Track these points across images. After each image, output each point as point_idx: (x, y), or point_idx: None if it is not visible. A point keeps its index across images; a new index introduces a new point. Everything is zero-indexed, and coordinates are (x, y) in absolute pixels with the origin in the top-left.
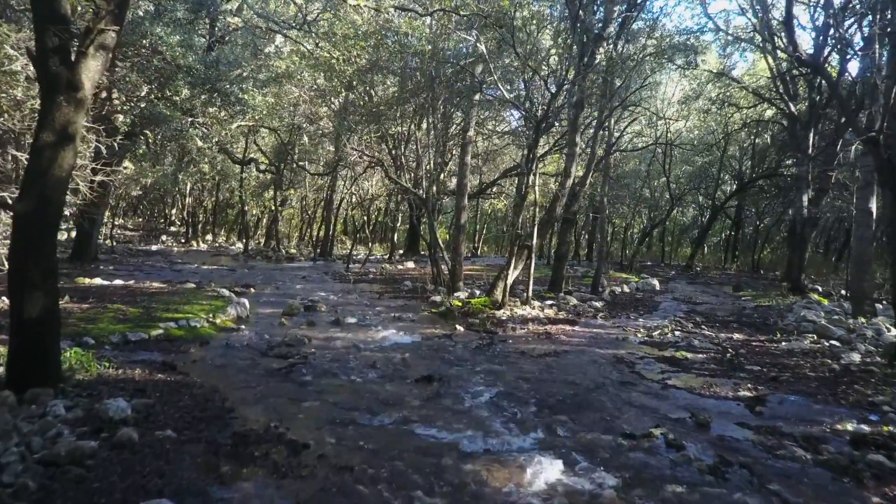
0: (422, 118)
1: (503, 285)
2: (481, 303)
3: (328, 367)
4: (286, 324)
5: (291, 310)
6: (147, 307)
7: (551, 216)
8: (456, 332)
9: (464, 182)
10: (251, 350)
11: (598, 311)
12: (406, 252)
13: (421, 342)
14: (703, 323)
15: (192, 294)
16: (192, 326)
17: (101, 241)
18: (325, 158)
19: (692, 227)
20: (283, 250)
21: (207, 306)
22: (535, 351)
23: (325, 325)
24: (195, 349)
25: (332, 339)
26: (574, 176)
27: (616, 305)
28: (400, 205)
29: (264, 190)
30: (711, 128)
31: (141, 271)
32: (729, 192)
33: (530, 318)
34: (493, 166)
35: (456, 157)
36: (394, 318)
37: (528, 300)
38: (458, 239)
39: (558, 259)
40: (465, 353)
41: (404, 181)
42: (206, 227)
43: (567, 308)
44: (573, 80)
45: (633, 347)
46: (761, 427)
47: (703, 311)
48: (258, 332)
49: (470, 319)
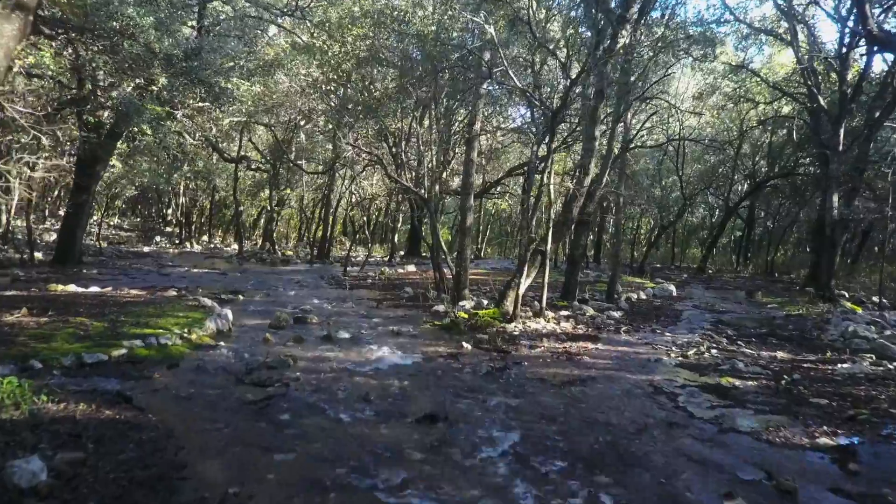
0: (423, 113)
1: (514, 295)
2: (490, 315)
3: (313, 399)
4: (271, 340)
5: (279, 322)
6: (115, 320)
7: (567, 218)
8: (462, 351)
9: (469, 181)
10: (226, 374)
11: (618, 322)
12: (407, 254)
13: (422, 364)
14: (736, 338)
15: (170, 304)
16: (161, 344)
17: (92, 241)
18: (323, 157)
19: (700, 228)
20: (279, 252)
21: (183, 319)
22: (556, 377)
23: (314, 342)
24: (161, 373)
25: (321, 359)
26: (592, 173)
27: (636, 315)
28: (401, 204)
29: (259, 189)
30: (726, 125)
31: (126, 275)
32: (741, 192)
33: (546, 334)
34: (496, 165)
35: (459, 155)
36: (392, 332)
37: (543, 312)
38: (464, 243)
39: (572, 264)
40: (475, 379)
41: (405, 180)
42: (203, 227)
43: (584, 320)
44: (595, 64)
45: (668, 371)
46: (865, 497)
47: (731, 321)
48: (238, 351)
49: (478, 335)
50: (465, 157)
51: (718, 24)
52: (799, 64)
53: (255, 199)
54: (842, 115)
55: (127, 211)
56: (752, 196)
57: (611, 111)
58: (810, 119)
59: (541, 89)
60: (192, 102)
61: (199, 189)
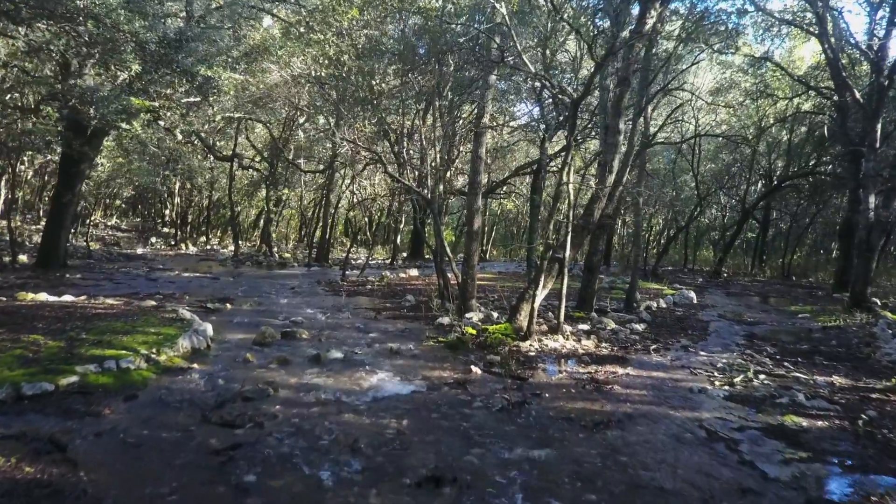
0: (427, 108)
1: (529, 309)
2: (501, 331)
3: (288, 447)
4: (252, 361)
5: (264, 338)
6: (74, 338)
7: (588, 221)
8: (471, 377)
9: (477, 179)
10: (191, 408)
11: (642, 337)
12: (410, 256)
13: (424, 394)
14: (780, 357)
15: (144, 317)
16: (121, 369)
17: (83, 243)
18: (322, 155)
19: (711, 229)
20: (276, 255)
21: (154, 337)
22: (586, 415)
23: (301, 364)
24: (113, 408)
25: (307, 388)
26: (616, 171)
27: (660, 328)
28: (403, 205)
29: (256, 189)
30: (742, 122)
31: (111, 280)
32: (756, 192)
33: (566, 354)
34: (502, 164)
35: (464, 153)
36: (390, 350)
37: (560, 327)
38: (471, 248)
39: (589, 271)
40: (488, 418)
41: (407, 179)
42: (200, 228)
43: (606, 335)
44: (623, 46)
45: (718, 407)
46: None
47: (764, 334)
48: (212, 375)
49: (488, 356)
50: (472, 153)
51: (739, 16)
52: (829, 55)
53: (252, 200)
54: (879, 109)
55: (128, 211)
56: (769, 196)
57: (631, 104)
58: (837, 114)
59: (555, 78)
60: (170, 92)
61: (195, 189)
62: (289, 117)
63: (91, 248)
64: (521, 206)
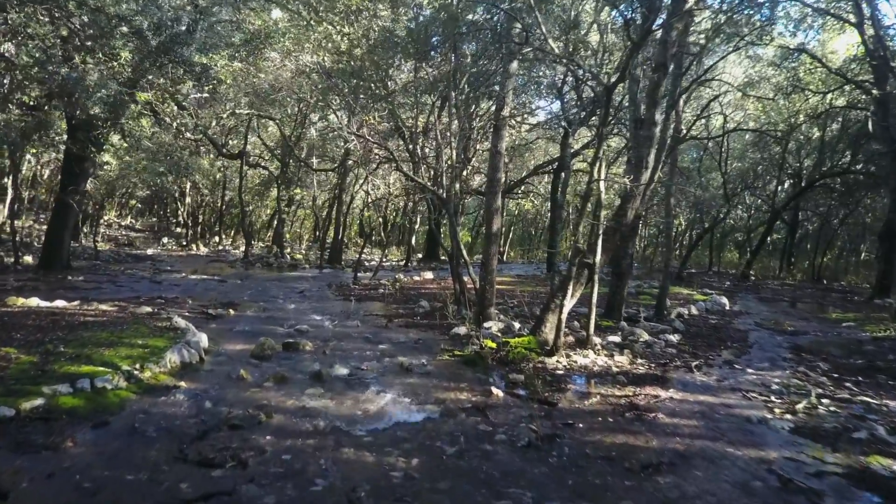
0: (442, 105)
1: (555, 320)
2: (524, 344)
3: (272, 499)
4: (247, 378)
5: (263, 351)
6: (51, 351)
7: (621, 222)
8: (492, 401)
9: (496, 177)
10: (168, 441)
11: (680, 351)
12: (425, 258)
13: (438, 423)
14: (837, 375)
15: (134, 325)
16: (96, 389)
17: (90, 244)
18: (335, 154)
19: (735, 230)
20: (287, 256)
21: (139, 350)
22: (629, 453)
23: (300, 383)
24: (77, 440)
25: (304, 413)
26: (651, 168)
27: (696, 339)
28: (417, 204)
29: (267, 189)
30: (773, 118)
31: (113, 283)
32: (785, 192)
33: (598, 372)
34: (520, 162)
35: (480, 152)
36: (401, 366)
37: (590, 339)
38: (490, 251)
39: (617, 276)
40: (513, 457)
41: (421, 178)
42: (213, 228)
43: (640, 349)
44: (664, 25)
45: (785, 442)
46: None
47: (810, 346)
48: (200, 396)
49: (510, 374)
50: (490, 149)
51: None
52: (868, 46)
53: (265, 199)
54: None
55: (144, 211)
56: (799, 196)
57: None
58: (877, 110)
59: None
60: (163, 82)
61: (202, 188)
62: (300, 114)
63: (100, 248)
64: (540, 206)
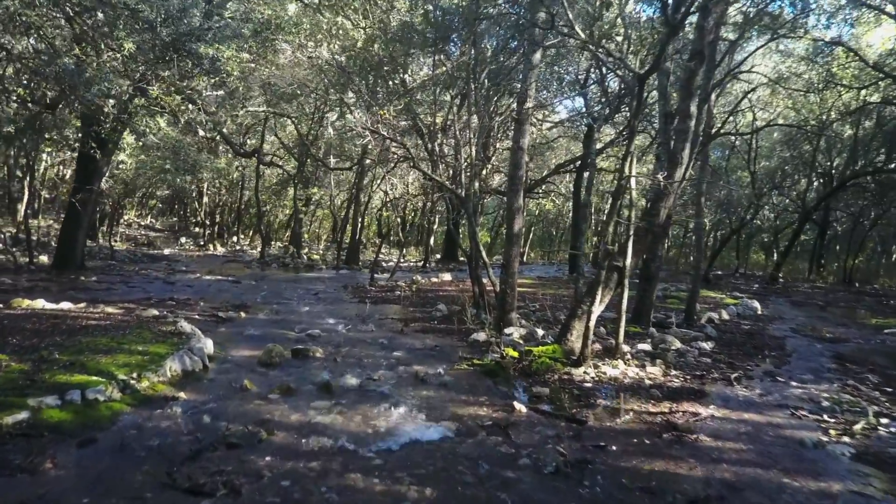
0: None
1: (582, 328)
2: (548, 353)
3: None
4: (251, 389)
5: (270, 358)
6: (44, 358)
7: (653, 222)
8: (514, 417)
9: (518, 174)
10: (157, 461)
11: (715, 360)
12: (443, 258)
13: (455, 443)
14: (889, 388)
15: (137, 330)
16: (87, 402)
17: (106, 243)
18: (353, 153)
19: (762, 231)
20: (304, 256)
21: (139, 357)
22: (670, 483)
23: (307, 394)
24: (59, 460)
25: (309, 429)
26: (686, 164)
27: (731, 347)
28: (436, 204)
29: (284, 188)
30: (804, 115)
31: (126, 283)
32: (815, 191)
33: (629, 385)
34: (541, 161)
35: (500, 150)
36: (416, 376)
37: (619, 348)
38: (511, 252)
39: (646, 279)
40: (539, 487)
41: (439, 176)
42: (231, 228)
43: (672, 358)
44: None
45: (848, 472)
46: None
47: (853, 354)
48: (199, 409)
49: (535, 388)
50: (512, 145)
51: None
52: None
53: (283, 199)
54: None
55: (165, 210)
56: (831, 196)
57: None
58: None
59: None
60: (168, 75)
61: (224, 187)
62: (317, 112)
63: (118, 248)
64: (562, 206)
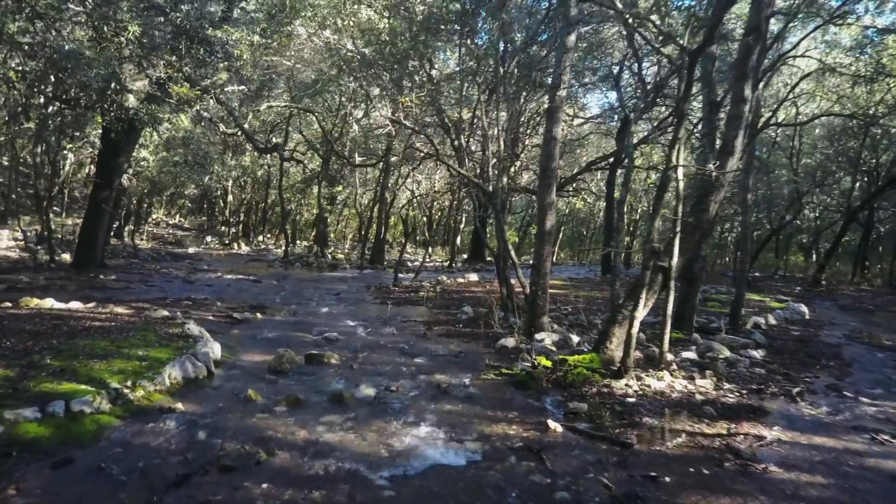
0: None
1: (624, 335)
2: (585, 363)
3: None
4: (256, 399)
5: (281, 364)
6: (34, 364)
7: (702, 218)
8: (548, 437)
9: (551, 166)
10: (139, 487)
11: (769, 370)
12: (470, 258)
13: (482, 471)
14: None
15: (142, 332)
16: (72, 413)
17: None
18: (378, 149)
19: (801, 232)
20: (327, 256)
21: (137, 362)
22: None
23: (317, 407)
24: (27, 483)
25: (315, 450)
26: (738, 153)
27: (784, 356)
28: (463, 202)
29: (308, 186)
30: (849, 109)
31: (145, 283)
32: (859, 190)
33: (678, 401)
34: (571, 159)
35: (529, 148)
36: (438, 387)
37: (664, 357)
38: (543, 251)
39: (689, 281)
40: None
41: (466, 171)
42: (257, 227)
43: (722, 369)
44: None
45: None
46: None
47: None
48: (194, 423)
49: (571, 403)
50: (544, 135)
51: None
52: None
53: (308, 198)
54: None
55: (195, 210)
56: (877, 195)
57: (752, 68)
58: None
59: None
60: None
61: (248, 185)
62: (341, 108)
63: (143, 247)
64: (593, 205)
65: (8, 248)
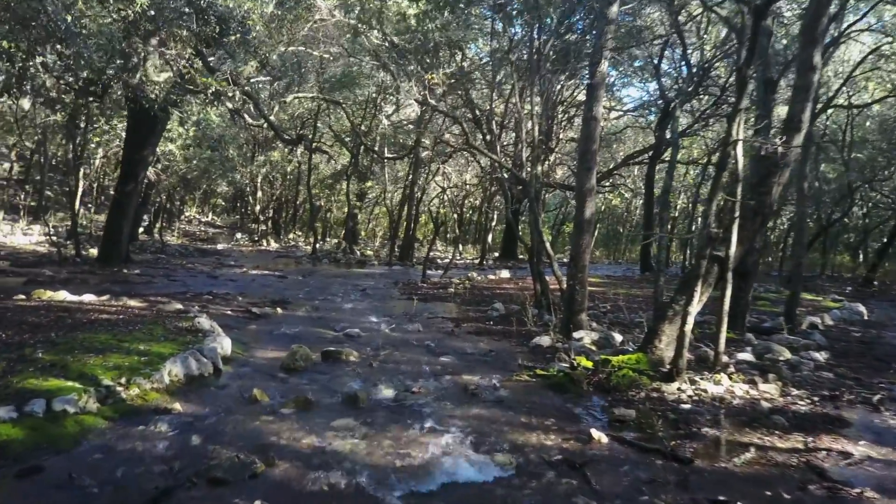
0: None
1: (676, 333)
2: (632, 365)
3: None
4: (261, 400)
5: (294, 361)
6: (24, 357)
7: (764, 201)
8: (591, 449)
9: (592, 148)
10: (112, 502)
11: (838, 375)
12: (501, 256)
13: (513, 490)
14: None
15: (149, 326)
16: (53, 413)
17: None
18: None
19: (847, 230)
20: (356, 252)
21: (135, 357)
22: None
23: (329, 409)
24: None
25: (321, 460)
26: (806, 129)
27: (849, 359)
28: (494, 197)
29: (336, 182)
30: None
31: (168, 277)
32: None
33: (740, 407)
34: (608, 155)
35: (563, 141)
36: (465, 390)
37: (719, 358)
38: (581, 242)
39: (741, 276)
40: None
41: (496, 156)
42: (288, 224)
43: (785, 372)
44: None
45: None
46: None
47: None
48: (189, 426)
49: (617, 409)
50: (584, 114)
51: None
52: None
53: (337, 194)
54: None
55: (229, 208)
56: None
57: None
58: None
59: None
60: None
61: (277, 181)
62: (370, 102)
63: (172, 242)
64: (630, 202)
65: (38, 243)
